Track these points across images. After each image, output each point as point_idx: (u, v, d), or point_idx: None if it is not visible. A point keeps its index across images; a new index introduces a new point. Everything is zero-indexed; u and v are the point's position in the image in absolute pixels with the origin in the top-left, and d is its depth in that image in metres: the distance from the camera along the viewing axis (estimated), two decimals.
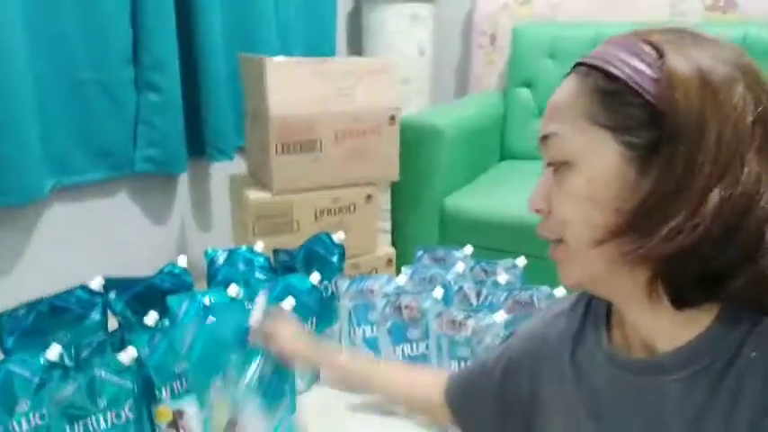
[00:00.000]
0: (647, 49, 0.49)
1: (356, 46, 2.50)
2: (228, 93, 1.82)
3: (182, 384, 1.05)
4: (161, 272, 1.24)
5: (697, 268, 0.47)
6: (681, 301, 0.49)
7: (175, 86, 1.67)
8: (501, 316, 1.12)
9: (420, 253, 1.48)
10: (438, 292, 1.20)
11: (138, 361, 1.01)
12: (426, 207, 1.85)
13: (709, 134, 0.46)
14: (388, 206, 1.89)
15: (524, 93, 2.21)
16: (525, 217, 1.69)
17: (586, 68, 0.52)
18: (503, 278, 1.29)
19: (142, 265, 1.30)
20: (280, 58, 1.54)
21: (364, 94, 1.62)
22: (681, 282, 0.48)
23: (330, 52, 2.31)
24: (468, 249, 1.45)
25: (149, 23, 1.60)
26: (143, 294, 1.20)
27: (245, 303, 1.23)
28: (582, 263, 0.53)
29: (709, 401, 0.49)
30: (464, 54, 2.55)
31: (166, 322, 1.15)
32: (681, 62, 0.47)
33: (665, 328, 0.51)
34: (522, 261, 1.39)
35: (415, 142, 1.80)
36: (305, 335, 0.95)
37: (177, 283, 1.24)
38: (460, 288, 1.27)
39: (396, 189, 1.84)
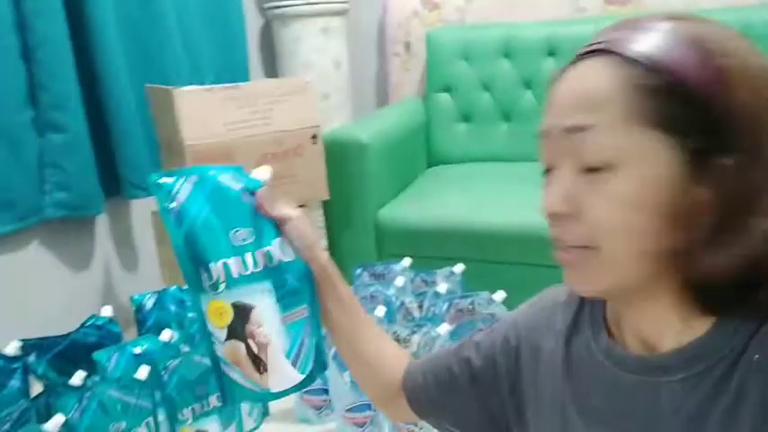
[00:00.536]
0: (690, 40, 0.46)
1: (270, 65, 2.46)
2: (140, 125, 1.73)
3: None
4: (84, 325, 1.16)
5: (755, 280, 0.45)
6: (717, 310, 0.48)
7: (80, 124, 1.58)
8: (444, 328, 1.11)
9: (359, 271, 1.46)
10: (380, 311, 1.18)
11: (68, 426, 0.94)
12: (360, 222, 1.83)
13: None
14: (322, 224, 1.86)
15: (444, 97, 2.23)
16: (461, 222, 1.71)
17: (620, 57, 0.47)
18: (443, 287, 1.29)
19: (65, 321, 1.20)
20: (189, 88, 1.49)
21: (282, 116, 1.58)
22: (725, 292, 0.46)
23: (243, 75, 2.26)
24: (407, 262, 1.45)
25: (45, 60, 1.50)
26: (66, 352, 1.12)
27: (181, 347, 1.17)
28: (615, 272, 0.48)
29: (710, 404, 0.47)
30: (380, 63, 2.56)
31: (96, 379, 1.07)
32: (732, 59, 0.45)
33: (670, 330, 0.50)
34: (459, 268, 1.40)
35: (340, 158, 1.78)
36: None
37: (103, 335, 1.17)
38: (402, 303, 1.26)
39: (327, 207, 1.81)
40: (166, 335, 1.16)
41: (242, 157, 1.53)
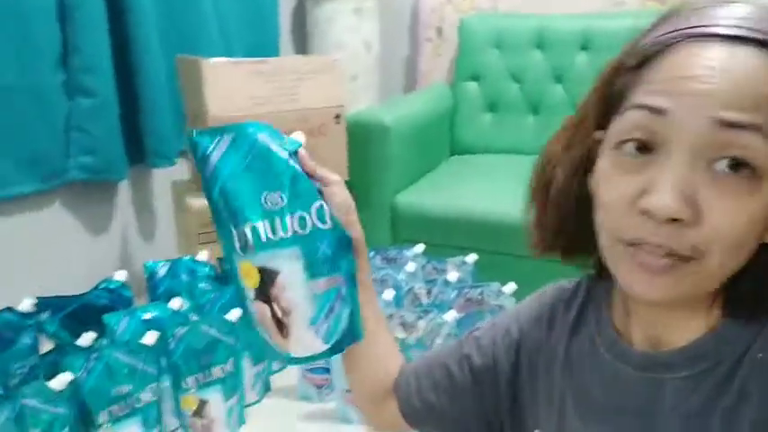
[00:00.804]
0: None
1: (301, 43, 2.45)
2: (168, 95, 1.75)
3: (122, 407, 1.00)
4: (97, 288, 1.18)
5: None
6: (739, 312, 0.47)
7: (110, 90, 1.60)
8: (452, 315, 1.11)
9: (371, 254, 1.46)
10: (388, 294, 1.18)
11: (74, 385, 0.96)
12: (378, 205, 1.83)
13: None
14: None
15: (472, 86, 2.20)
16: (477, 213, 1.70)
17: None
18: (453, 276, 1.28)
19: (81, 282, 1.23)
20: (217, 59, 1.49)
21: (308, 93, 1.58)
22: (760, 300, 0.46)
23: (274, 51, 2.26)
24: (420, 248, 1.44)
25: (79, 24, 1.52)
26: (78, 313, 1.14)
27: (189, 316, 1.19)
28: (701, 285, 0.45)
29: (712, 402, 0.47)
30: (411, 47, 2.53)
31: (104, 342, 1.09)
32: None
33: (678, 327, 0.50)
34: (472, 258, 1.38)
35: (363, 140, 1.78)
36: None
37: (115, 299, 1.18)
38: (411, 288, 1.26)
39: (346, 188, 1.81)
40: (176, 303, 1.18)
41: None
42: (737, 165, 0.41)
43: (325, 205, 0.59)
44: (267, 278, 0.59)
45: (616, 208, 0.45)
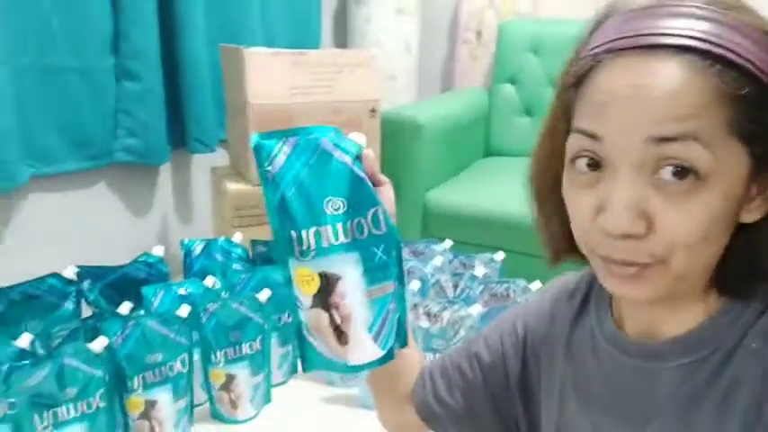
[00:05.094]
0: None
1: (341, 42, 2.49)
2: (211, 84, 1.80)
3: (154, 374, 1.05)
4: (136, 261, 1.23)
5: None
6: (738, 294, 0.48)
7: (156, 76, 1.66)
8: (477, 308, 1.12)
9: None
10: (414, 285, 1.20)
11: (110, 350, 1.01)
12: (408, 201, 1.85)
13: None
14: None
15: (509, 89, 2.21)
16: (506, 213, 1.71)
17: (708, 60, 0.41)
18: (480, 271, 1.30)
19: (121, 256, 1.28)
20: (259, 49, 1.54)
21: (345, 87, 1.62)
22: (755, 278, 0.47)
23: (315, 47, 2.30)
24: (448, 243, 1.45)
25: (130, 11, 1.59)
26: (117, 283, 1.19)
27: (222, 293, 1.23)
28: (678, 282, 0.46)
29: (706, 391, 0.48)
30: (450, 49, 2.55)
31: (141, 312, 1.14)
32: None
33: (674, 316, 0.50)
34: (500, 255, 1.39)
35: (396, 136, 1.80)
36: None
37: (152, 272, 1.23)
38: (437, 280, 1.27)
39: None
40: (210, 281, 1.22)
41: (301, 122, 1.58)
42: (680, 172, 0.42)
43: (380, 211, 0.59)
44: (328, 284, 0.59)
45: (581, 225, 0.47)
